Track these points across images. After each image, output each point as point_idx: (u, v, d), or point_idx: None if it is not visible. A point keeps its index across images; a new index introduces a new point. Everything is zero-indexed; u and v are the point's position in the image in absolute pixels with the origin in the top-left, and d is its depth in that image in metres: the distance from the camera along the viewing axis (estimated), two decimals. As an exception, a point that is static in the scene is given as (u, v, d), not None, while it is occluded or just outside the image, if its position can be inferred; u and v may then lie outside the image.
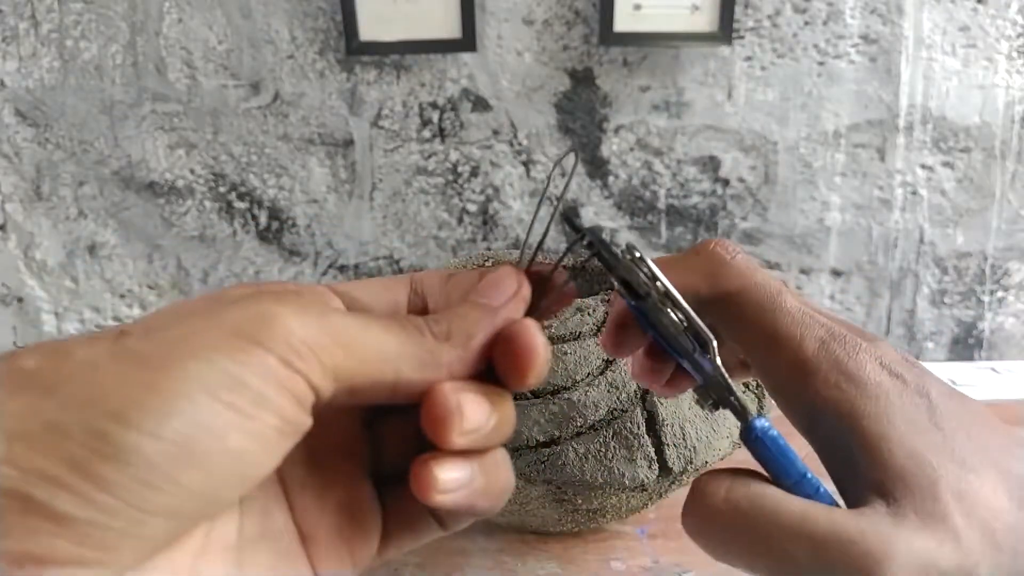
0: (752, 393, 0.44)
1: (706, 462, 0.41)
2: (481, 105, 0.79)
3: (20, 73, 0.78)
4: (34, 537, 0.15)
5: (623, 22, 0.74)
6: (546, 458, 0.39)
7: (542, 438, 0.40)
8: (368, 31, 0.74)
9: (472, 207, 0.83)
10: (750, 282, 0.26)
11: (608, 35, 0.74)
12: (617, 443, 0.40)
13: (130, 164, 0.81)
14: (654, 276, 0.24)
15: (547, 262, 0.25)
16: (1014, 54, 0.78)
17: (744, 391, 0.44)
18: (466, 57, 0.77)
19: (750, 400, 0.44)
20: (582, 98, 0.79)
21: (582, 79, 0.79)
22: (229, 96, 0.79)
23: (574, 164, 0.40)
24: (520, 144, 0.81)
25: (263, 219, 0.83)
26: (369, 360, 0.19)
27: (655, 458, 0.40)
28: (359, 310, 0.23)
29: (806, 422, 0.24)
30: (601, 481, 0.39)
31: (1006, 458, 0.22)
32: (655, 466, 0.40)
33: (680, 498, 0.25)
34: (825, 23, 0.77)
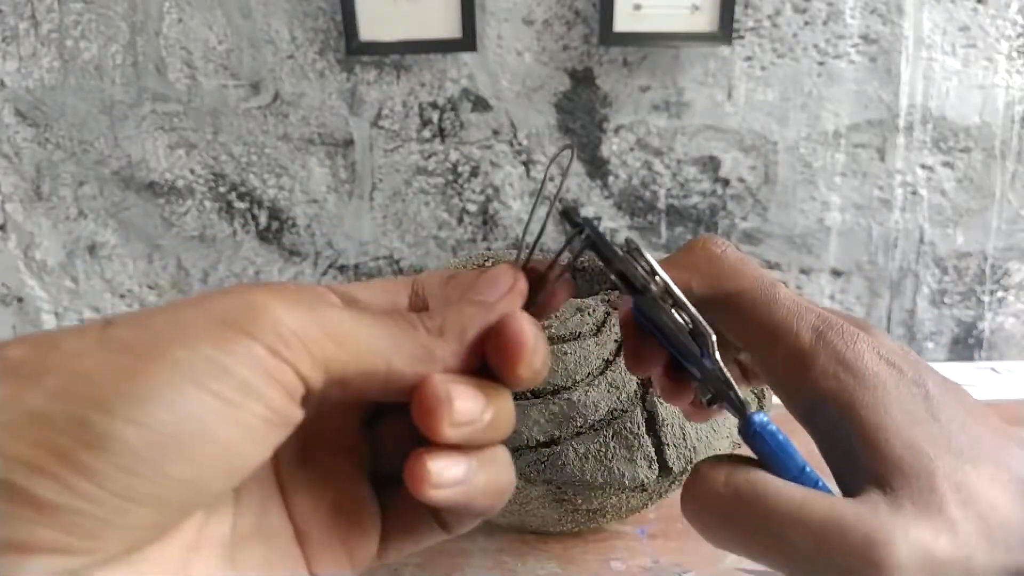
0: (752, 393, 0.44)
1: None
2: (481, 105, 0.79)
3: (20, 73, 0.78)
4: (16, 524, 0.15)
5: (623, 22, 0.74)
6: (546, 458, 0.39)
7: (542, 438, 0.40)
8: (368, 31, 0.74)
9: (472, 207, 0.83)
10: (743, 276, 0.26)
11: (608, 35, 0.74)
12: (617, 443, 0.40)
13: (130, 164, 0.81)
14: (652, 271, 0.24)
15: (546, 259, 0.24)
16: (1014, 54, 0.78)
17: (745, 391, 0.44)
18: (466, 57, 0.77)
19: (751, 400, 0.44)
20: (582, 98, 0.79)
21: (582, 79, 0.79)
22: (229, 96, 0.79)
23: (571, 158, 0.40)
24: (520, 144, 0.81)
25: (263, 219, 0.83)
26: (360, 353, 0.19)
27: (655, 458, 0.40)
28: (356, 305, 0.23)
29: (805, 413, 0.24)
30: (601, 481, 0.39)
31: (1001, 452, 0.22)
32: (655, 466, 0.40)
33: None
34: (825, 23, 0.77)
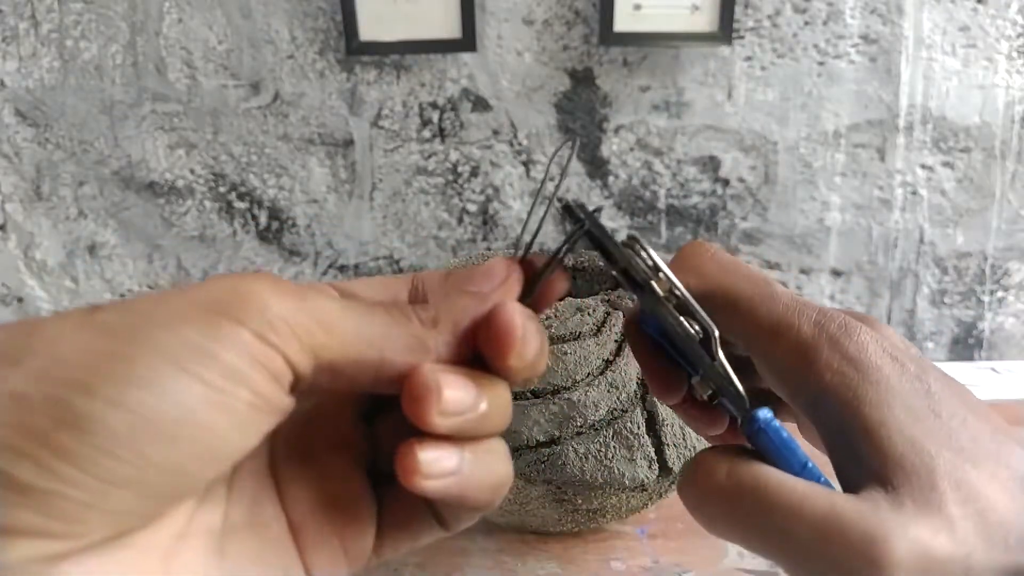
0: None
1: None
2: (481, 105, 0.79)
3: (20, 73, 0.78)
4: None
5: (623, 22, 0.74)
6: (546, 458, 0.39)
7: (542, 438, 0.40)
8: (368, 31, 0.74)
9: (472, 207, 0.83)
10: (739, 276, 0.26)
11: (608, 35, 0.74)
12: (617, 443, 0.40)
13: (130, 164, 0.81)
14: (656, 266, 0.24)
15: (545, 255, 0.24)
16: (1014, 54, 0.78)
17: None
18: (466, 57, 0.77)
19: None
20: (582, 98, 0.79)
21: (582, 79, 0.79)
22: (229, 96, 0.79)
23: (572, 152, 0.40)
24: (520, 144, 0.81)
25: (263, 219, 0.83)
26: (350, 340, 0.19)
27: (655, 458, 0.40)
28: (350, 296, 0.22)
29: (809, 407, 0.24)
30: (601, 481, 0.39)
31: (1002, 450, 0.22)
32: (655, 466, 0.40)
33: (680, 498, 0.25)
34: (825, 23, 0.77)
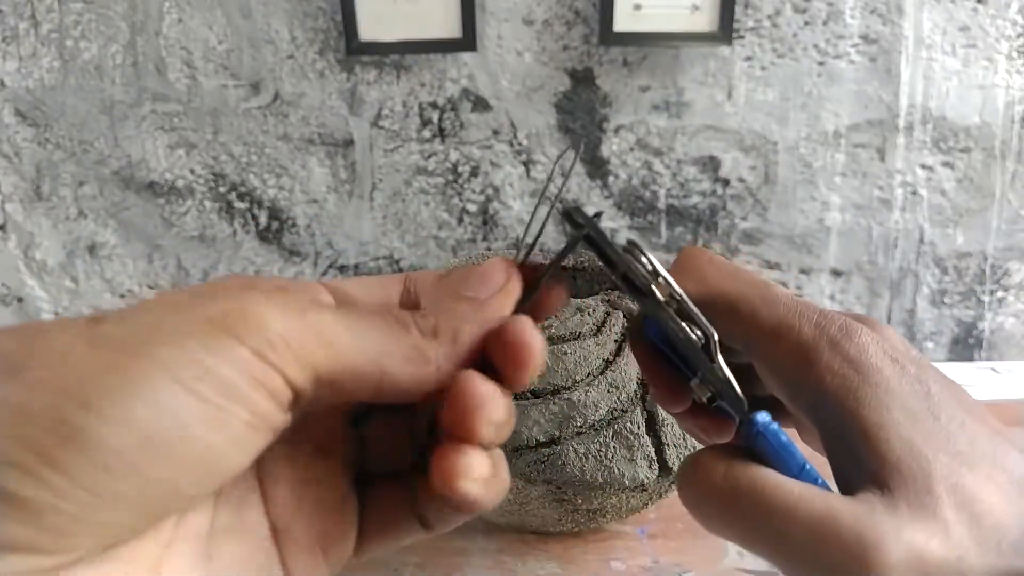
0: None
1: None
2: (481, 105, 0.79)
3: (20, 73, 0.78)
4: None
5: (623, 22, 0.74)
6: (546, 458, 0.39)
7: (542, 438, 0.40)
8: (368, 31, 0.74)
9: (472, 207, 0.83)
10: (739, 280, 0.26)
11: (608, 35, 0.74)
12: (617, 443, 0.40)
13: (130, 164, 0.81)
14: (655, 271, 0.24)
15: (546, 260, 0.24)
16: (1014, 54, 0.78)
17: None
18: (466, 57, 0.77)
19: None
20: (582, 98, 0.79)
21: (582, 79, 0.79)
22: (229, 96, 0.79)
23: (574, 159, 0.40)
24: (520, 144, 0.81)
25: (263, 219, 0.83)
26: (351, 356, 0.19)
27: (655, 458, 0.40)
28: (348, 305, 0.22)
29: (810, 408, 0.24)
30: (601, 481, 0.39)
31: (999, 453, 0.23)
32: (655, 466, 0.40)
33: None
34: (825, 23, 0.77)
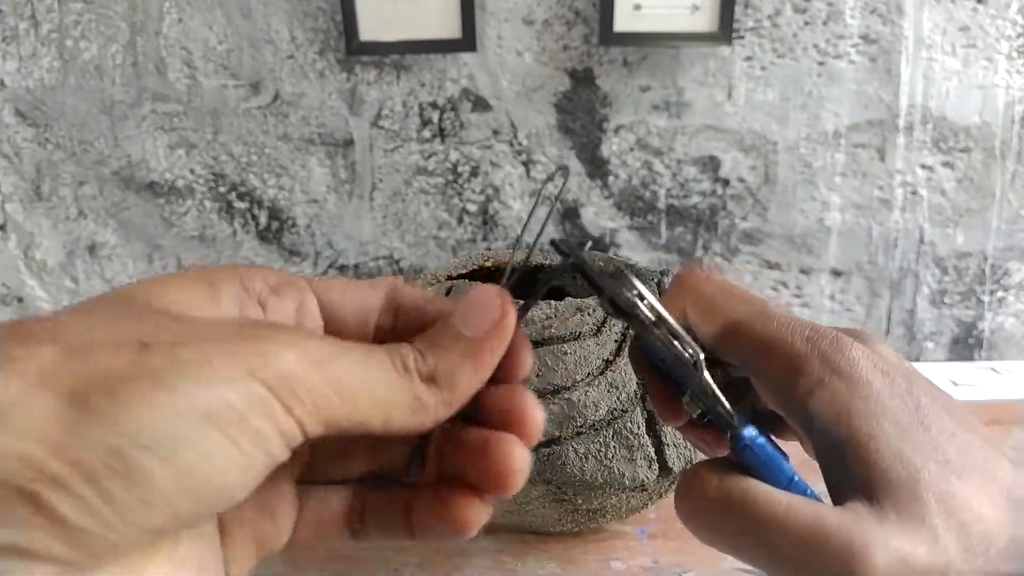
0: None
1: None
2: (481, 105, 0.79)
3: (20, 73, 0.78)
4: (29, 532, 0.15)
5: (623, 22, 0.74)
6: (546, 458, 0.39)
7: (542, 438, 0.40)
8: (368, 31, 0.74)
9: (472, 207, 0.83)
10: (733, 297, 0.27)
11: (608, 35, 0.74)
12: (617, 443, 0.40)
13: (130, 164, 0.81)
14: (640, 295, 0.25)
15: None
16: (1014, 54, 0.78)
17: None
18: (466, 57, 0.77)
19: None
20: (582, 98, 0.79)
21: (582, 79, 0.79)
22: (229, 96, 0.79)
23: (564, 180, 0.41)
24: (520, 144, 0.81)
25: (263, 219, 0.83)
26: (364, 411, 0.20)
27: (655, 458, 0.40)
28: (359, 346, 0.22)
29: (803, 421, 0.25)
30: (601, 481, 0.39)
31: (990, 463, 0.23)
32: (655, 466, 0.40)
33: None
34: (825, 23, 0.77)
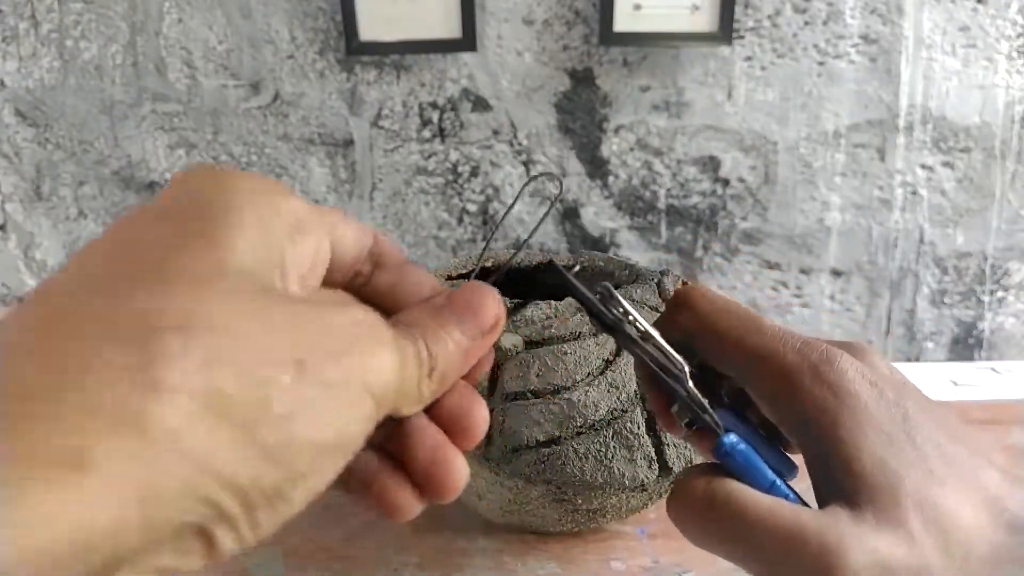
0: None
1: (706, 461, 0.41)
2: (481, 105, 0.79)
3: (20, 73, 0.78)
4: (189, 560, 0.17)
5: (623, 22, 0.74)
6: (546, 458, 0.39)
7: (542, 438, 0.40)
8: (368, 31, 0.74)
9: (472, 207, 0.83)
10: (727, 312, 0.29)
11: (608, 35, 0.74)
12: (617, 443, 0.40)
13: (130, 164, 0.81)
14: (627, 312, 0.27)
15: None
16: (1014, 54, 0.78)
17: None
18: (466, 57, 0.77)
19: None
20: (582, 98, 0.79)
21: (582, 79, 0.79)
22: (229, 96, 0.79)
23: (559, 191, 0.42)
24: (520, 144, 0.81)
25: (263, 219, 0.83)
26: (395, 400, 0.21)
27: (655, 458, 0.40)
28: (332, 267, 0.22)
29: (794, 431, 0.26)
30: (601, 481, 0.39)
31: (976, 472, 0.24)
32: (655, 466, 0.40)
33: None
34: (825, 23, 0.77)
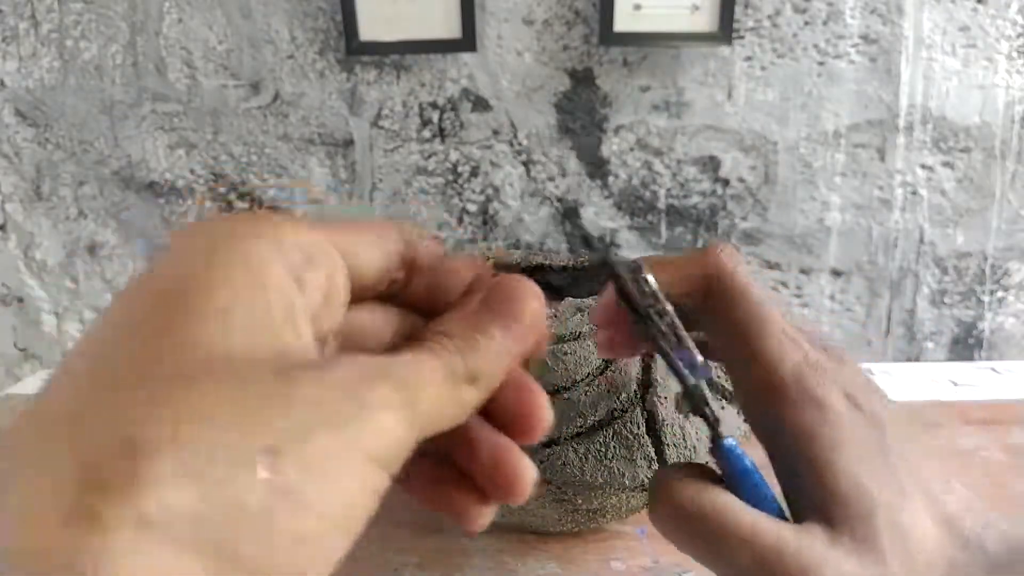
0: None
1: (706, 462, 0.41)
2: (481, 105, 0.79)
3: (20, 73, 0.78)
4: None
5: (623, 22, 0.74)
6: (546, 458, 0.39)
7: (542, 438, 0.40)
8: (368, 31, 0.74)
9: (472, 207, 0.83)
10: (746, 301, 0.28)
11: (608, 35, 0.74)
12: (617, 443, 0.40)
13: (130, 164, 0.81)
14: (655, 294, 0.27)
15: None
16: (1014, 54, 0.78)
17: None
18: (466, 57, 0.77)
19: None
20: (582, 98, 0.79)
21: (582, 79, 0.79)
22: (229, 96, 0.79)
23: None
24: (520, 144, 0.81)
25: (263, 219, 0.83)
26: (425, 425, 0.19)
27: (655, 458, 0.40)
28: (356, 287, 0.21)
29: (767, 437, 0.27)
30: (601, 481, 0.39)
31: (942, 492, 0.25)
32: (655, 466, 0.40)
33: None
34: (825, 23, 0.77)
